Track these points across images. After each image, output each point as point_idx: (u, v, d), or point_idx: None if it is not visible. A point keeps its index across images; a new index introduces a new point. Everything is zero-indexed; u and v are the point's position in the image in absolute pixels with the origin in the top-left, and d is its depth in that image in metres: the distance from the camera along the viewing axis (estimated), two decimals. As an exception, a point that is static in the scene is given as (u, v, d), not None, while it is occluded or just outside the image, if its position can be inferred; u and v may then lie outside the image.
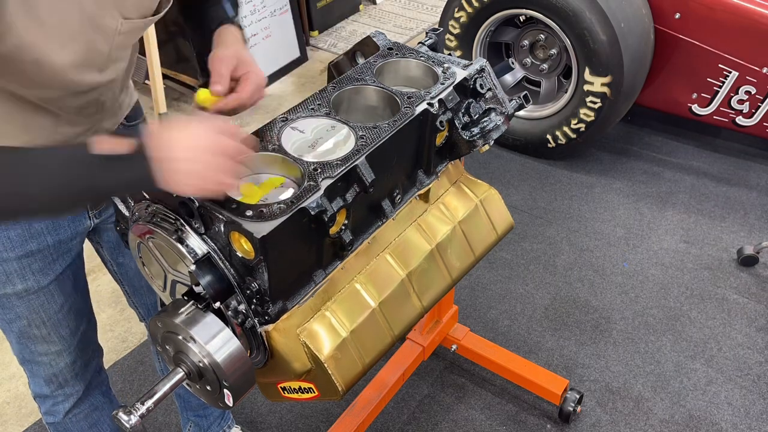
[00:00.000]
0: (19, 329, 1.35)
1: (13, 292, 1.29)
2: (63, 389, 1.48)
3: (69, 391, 1.49)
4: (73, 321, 1.40)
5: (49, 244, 1.28)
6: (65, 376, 1.46)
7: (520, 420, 2.09)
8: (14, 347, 1.42)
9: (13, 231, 1.23)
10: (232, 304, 1.10)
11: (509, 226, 1.52)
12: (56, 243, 1.29)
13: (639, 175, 3.10)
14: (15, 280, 1.28)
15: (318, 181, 1.08)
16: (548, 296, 2.51)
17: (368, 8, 4.71)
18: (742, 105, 2.92)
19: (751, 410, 2.12)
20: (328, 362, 1.16)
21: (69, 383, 1.47)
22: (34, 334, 1.36)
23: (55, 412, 1.51)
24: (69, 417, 1.53)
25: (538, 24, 2.98)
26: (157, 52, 3.25)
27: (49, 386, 1.46)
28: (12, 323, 1.35)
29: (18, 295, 1.30)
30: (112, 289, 2.53)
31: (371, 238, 1.26)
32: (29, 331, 1.36)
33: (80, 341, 1.44)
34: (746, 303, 2.47)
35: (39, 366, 1.43)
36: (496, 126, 1.33)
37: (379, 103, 1.31)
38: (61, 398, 1.49)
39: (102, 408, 1.58)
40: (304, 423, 2.11)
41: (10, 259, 1.25)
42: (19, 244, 1.25)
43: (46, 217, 0.98)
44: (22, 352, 1.41)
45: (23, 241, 1.25)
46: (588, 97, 2.86)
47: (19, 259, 1.26)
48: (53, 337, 1.38)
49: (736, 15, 2.76)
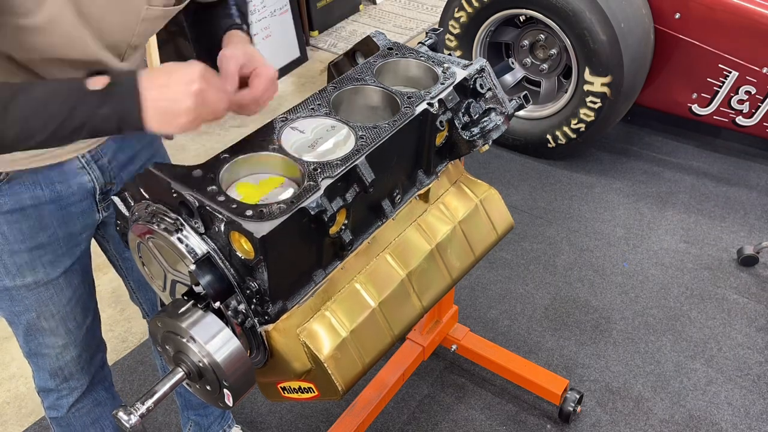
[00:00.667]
0: (27, 321, 1.37)
1: (23, 284, 1.31)
2: (68, 383, 1.49)
3: (73, 385, 1.50)
4: (80, 314, 1.42)
5: (60, 237, 1.30)
6: (70, 369, 1.47)
7: (520, 420, 2.10)
8: (21, 340, 1.43)
9: (25, 223, 1.25)
10: (232, 303, 1.10)
11: (509, 226, 1.52)
12: (66, 236, 1.31)
13: (639, 175, 3.10)
14: (25, 272, 1.30)
15: (318, 181, 1.08)
16: (548, 296, 2.51)
17: (368, 8, 4.71)
18: (742, 105, 2.92)
19: (751, 410, 2.12)
20: (328, 362, 1.16)
21: (74, 377, 1.49)
22: (42, 326, 1.38)
23: (58, 406, 1.53)
24: (72, 412, 1.54)
25: (538, 24, 2.98)
26: (157, 52, 3.25)
27: (54, 380, 1.48)
28: (20, 315, 1.36)
29: (28, 287, 1.31)
30: (113, 288, 2.53)
31: (371, 238, 1.26)
32: (37, 324, 1.37)
33: (86, 335, 1.46)
34: (746, 303, 2.47)
35: (45, 359, 1.44)
36: (496, 126, 1.34)
37: (379, 103, 1.31)
38: (66, 392, 1.50)
39: (105, 404, 1.60)
40: (304, 423, 2.11)
41: (21, 251, 1.27)
42: (30, 236, 1.26)
43: (45, 146, 1.03)
44: (28, 345, 1.43)
45: (34, 233, 1.26)
46: (588, 97, 2.86)
47: (30, 251, 1.27)
48: (60, 329, 1.40)
49: (736, 15, 2.76)
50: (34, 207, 1.25)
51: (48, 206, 1.26)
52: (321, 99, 1.26)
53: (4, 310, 1.37)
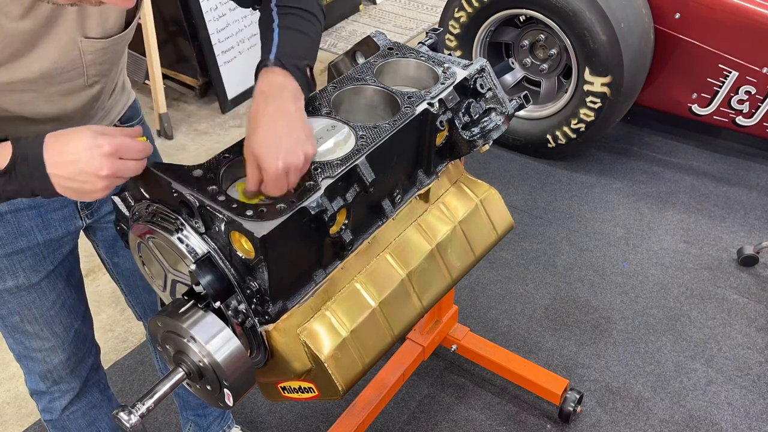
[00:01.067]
0: (12, 325, 1.36)
1: (4, 288, 1.30)
2: (58, 386, 1.48)
3: (65, 388, 1.49)
4: (66, 318, 1.40)
5: (39, 242, 1.28)
6: (60, 372, 1.46)
7: (520, 420, 2.10)
8: (9, 342, 1.42)
9: (2, 229, 1.24)
10: (232, 303, 1.10)
11: (509, 226, 1.52)
12: (47, 241, 1.30)
13: (639, 175, 3.10)
14: (5, 277, 1.28)
15: (318, 180, 1.08)
16: (548, 296, 2.51)
17: (368, 8, 4.71)
18: (742, 105, 2.92)
19: (751, 410, 2.12)
20: (328, 362, 1.16)
21: (64, 380, 1.48)
22: (26, 330, 1.37)
23: (51, 409, 1.52)
24: (66, 414, 1.53)
25: (538, 24, 2.98)
26: (157, 52, 3.25)
27: (44, 382, 1.47)
28: (5, 319, 1.35)
29: (9, 291, 1.30)
30: (112, 288, 2.53)
31: (371, 237, 1.26)
32: (22, 327, 1.36)
33: (74, 338, 1.44)
34: (746, 303, 2.47)
35: (33, 362, 1.43)
36: (496, 126, 1.34)
37: (380, 103, 1.31)
38: (57, 395, 1.50)
39: (100, 406, 1.59)
40: (304, 423, 2.11)
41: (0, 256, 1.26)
42: (9, 242, 1.25)
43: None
44: (16, 348, 1.42)
45: (13, 239, 1.25)
46: (588, 97, 2.86)
47: (9, 256, 1.26)
48: (46, 333, 1.39)
49: (736, 15, 2.76)
50: (12, 213, 1.23)
51: (27, 212, 1.25)
52: (321, 99, 1.26)
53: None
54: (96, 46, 1.11)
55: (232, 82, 3.61)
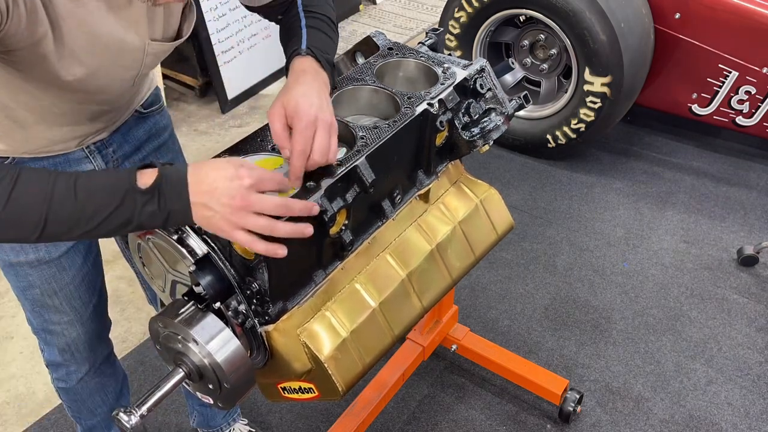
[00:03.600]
0: (33, 297, 1.40)
1: (26, 261, 1.33)
2: (75, 358, 1.53)
3: (81, 360, 1.54)
4: (85, 293, 1.45)
5: None
6: (77, 345, 1.50)
7: (520, 420, 2.10)
8: (28, 316, 1.47)
9: None
10: (232, 304, 1.10)
11: (509, 226, 1.52)
12: None
13: (639, 175, 3.10)
14: (28, 249, 1.32)
15: (318, 180, 1.08)
16: (548, 296, 2.51)
17: (368, 8, 4.71)
18: (742, 105, 2.92)
19: (751, 410, 2.12)
20: (328, 362, 1.16)
21: (81, 353, 1.52)
22: (47, 303, 1.41)
23: (67, 378, 1.57)
24: (80, 384, 1.58)
25: (538, 24, 2.98)
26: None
27: (63, 355, 1.51)
28: (26, 291, 1.40)
29: (30, 264, 1.34)
30: (112, 289, 2.53)
31: (371, 238, 1.26)
32: (42, 300, 1.41)
33: (93, 313, 1.49)
34: (746, 303, 2.47)
35: (52, 335, 1.47)
36: (496, 126, 1.33)
37: (379, 104, 1.31)
38: (74, 367, 1.54)
39: (107, 373, 1.64)
40: (304, 423, 2.11)
41: None
42: None
43: (87, 237, 1.01)
44: (36, 320, 1.47)
45: None
46: (588, 97, 2.86)
47: None
48: (65, 307, 1.43)
49: (736, 15, 2.76)
50: None
51: None
52: (321, 99, 1.26)
53: (12, 286, 1.41)
54: (159, 49, 1.17)
55: (232, 82, 3.61)
